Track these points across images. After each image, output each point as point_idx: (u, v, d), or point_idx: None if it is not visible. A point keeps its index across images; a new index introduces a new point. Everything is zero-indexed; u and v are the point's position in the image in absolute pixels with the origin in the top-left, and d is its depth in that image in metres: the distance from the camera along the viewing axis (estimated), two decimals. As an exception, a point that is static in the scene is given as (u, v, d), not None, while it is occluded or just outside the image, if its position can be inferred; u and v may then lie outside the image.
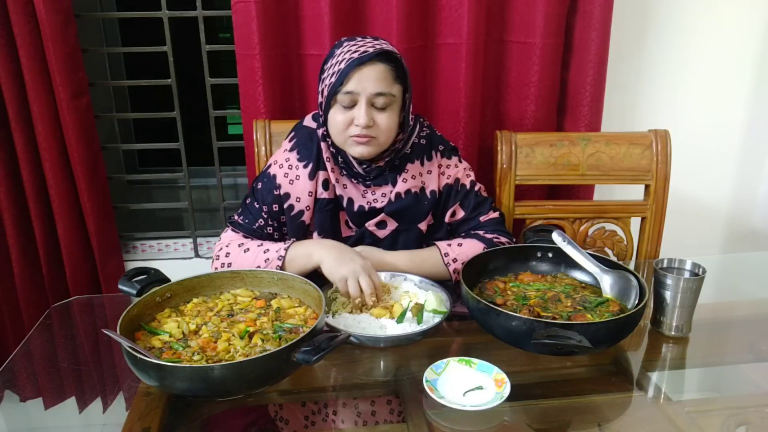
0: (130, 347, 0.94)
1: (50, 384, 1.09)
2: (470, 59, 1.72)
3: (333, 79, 1.24)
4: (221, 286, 1.21)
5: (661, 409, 1.02)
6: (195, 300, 1.16)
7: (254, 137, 1.62)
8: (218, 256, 1.34)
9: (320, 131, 1.34)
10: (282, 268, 1.27)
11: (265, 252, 1.29)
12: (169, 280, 1.17)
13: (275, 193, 1.35)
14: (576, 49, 1.79)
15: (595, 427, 0.98)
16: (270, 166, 1.38)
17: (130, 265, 2.01)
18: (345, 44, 1.27)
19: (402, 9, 1.66)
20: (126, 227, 2.05)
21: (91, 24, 1.97)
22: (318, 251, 1.26)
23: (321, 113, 1.31)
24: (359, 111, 1.24)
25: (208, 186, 2.37)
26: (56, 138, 1.74)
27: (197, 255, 2.07)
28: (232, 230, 1.38)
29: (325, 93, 1.27)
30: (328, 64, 1.27)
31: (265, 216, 1.36)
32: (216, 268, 1.32)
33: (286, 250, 1.28)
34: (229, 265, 1.31)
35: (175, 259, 2.06)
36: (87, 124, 1.77)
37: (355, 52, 1.23)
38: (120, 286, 1.15)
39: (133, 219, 2.13)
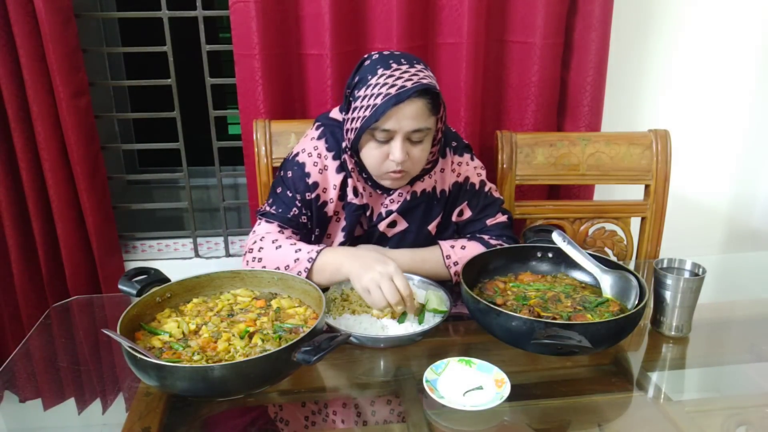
0: (130, 347, 0.94)
1: (50, 384, 1.09)
2: (470, 59, 1.72)
3: (367, 113, 1.18)
4: (221, 286, 1.21)
5: (661, 409, 1.02)
6: (195, 300, 1.16)
7: (254, 137, 1.62)
8: (251, 249, 1.29)
9: (344, 144, 1.29)
10: (310, 271, 1.23)
11: (297, 251, 1.24)
12: (169, 280, 1.17)
13: (307, 180, 1.31)
14: (576, 49, 1.79)
15: (595, 427, 0.98)
16: (297, 154, 1.34)
17: (130, 265, 2.01)
18: (380, 72, 1.19)
19: (402, 9, 1.66)
20: (126, 227, 2.05)
21: (91, 24, 1.97)
22: (347, 263, 1.20)
23: (348, 137, 1.26)
24: (395, 147, 1.20)
25: (208, 186, 2.37)
26: (56, 138, 1.74)
27: (197, 255, 2.07)
28: (266, 221, 1.33)
29: (358, 125, 1.20)
30: (362, 93, 1.20)
31: (299, 204, 1.32)
32: (247, 261, 1.28)
33: (318, 253, 1.23)
34: (260, 260, 1.27)
35: (175, 259, 2.06)
36: (87, 124, 1.77)
37: (392, 86, 1.16)
38: (120, 286, 1.14)
39: (133, 219, 2.13)
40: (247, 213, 2.25)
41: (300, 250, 1.25)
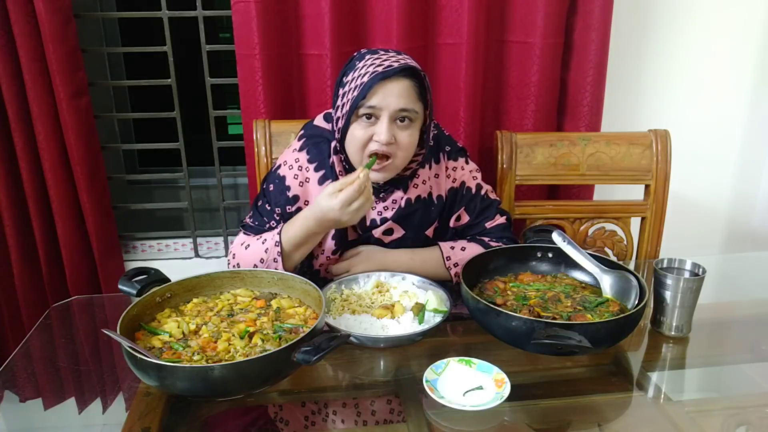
0: (130, 347, 0.94)
1: (50, 384, 1.09)
2: (470, 59, 1.72)
3: (355, 93, 1.20)
4: (221, 286, 1.21)
5: (661, 409, 1.02)
6: (195, 300, 1.16)
7: (254, 137, 1.62)
8: (229, 260, 1.36)
9: (333, 143, 1.30)
10: (284, 254, 1.26)
11: (263, 243, 1.28)
12: (169, 280, 1.17)
13: (287, 194, 1.33)
14: (576, 49, 1.79)
15: (595, 427, 0.98)
16: (279, 167, 1.36)
17: (130, 265, 2.01)
18: (367, 57, 1.22)
19: (402, 9, 1.66)
20: (126, 227, 2.05)
21: (91, 24, 1.97)
22: (313, 226, 1.23)
23: (338, 127, 1.26)
24: (381, 127, 1.21)
25: (208, 186, 2.37)
26: (56, 138, 1.74)
27: (197, 255, 2.07)
28: (244, 233, 1.37)
29: (347, 107, 1.22)
30: (349, 77, 1.22)
31: (278, 218, 1.34)
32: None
33: (280, 234, 1.27)
34: (237, 265, 1.32)
35: (175, 259, 2.06)
36: (87, 124, 1.77)
37: (379, 66, 1.19)
38: (120, 286, 1.15)
39: (133, 219, 2.13)
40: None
41: (265, 240, 1.29)
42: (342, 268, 1.36)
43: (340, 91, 1.25)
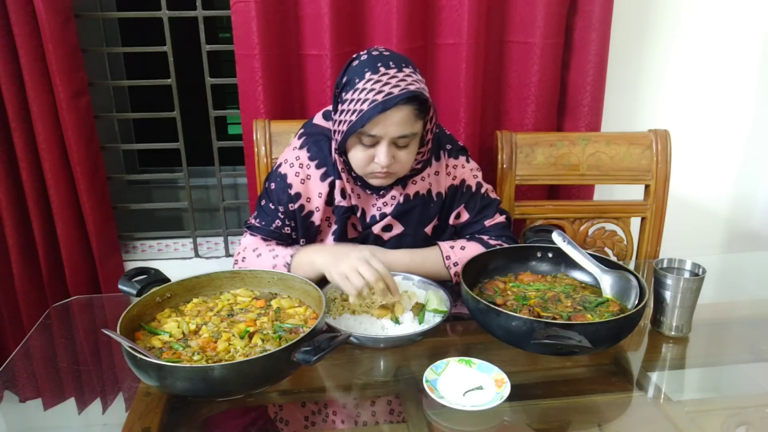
0: (130, 347, 0.94)
1: (50, 384, 1.09)
2: (470, 59, 1.72)
3: (354, 118, 1.18)
4: (221, 286, 1.21)
5: (661, 409, 1.02)
6: (195, 300, 1.16)
7: (254, 137, 1.62)
8: (236, 261, 1.35)
9: (333, 144, 1.29)
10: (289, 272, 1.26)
11: (274, 257, 1.29)
12: (169, 280, 1.17)
13: (289, 192, 1.33)
14: (576, 49, 1.79)
15: (595, 427, 0.98)
16: (280, 165, 1.36)
17: (130, 265, 2.01)
18: (367, 75, 1.17)
19: (402, 9, 1.66)
20: (126, 227, 2.05)
21: (91, 24, 1.97)
22: (319, 258, 1.24)
23: (336, 138, 1.25)
24: (381, 151, 1.21)
25: (208, 186, 2.37)
26: (56, 138, 1.74)
27: (197, 255, 2.07)
28: (250, 234, 1.37)
29: (344, 128, 1.20)
30: (349, 96, 1.19)
31: (282, 216, 1.34)
32: None
33: (292, 257, 1.28)
34: None
35: (175, 259, 2.06)
36: (87, 124, 1.77)
37: (379, 92, 1.15)
38: (120, 286, 1.15)
39: (133, 219, 2.13)
40: (247, 213, 2.25)
41: (277, 255, 1.29)
42: (342, 268, 1.36)
43: (339, 107, 1.22)
